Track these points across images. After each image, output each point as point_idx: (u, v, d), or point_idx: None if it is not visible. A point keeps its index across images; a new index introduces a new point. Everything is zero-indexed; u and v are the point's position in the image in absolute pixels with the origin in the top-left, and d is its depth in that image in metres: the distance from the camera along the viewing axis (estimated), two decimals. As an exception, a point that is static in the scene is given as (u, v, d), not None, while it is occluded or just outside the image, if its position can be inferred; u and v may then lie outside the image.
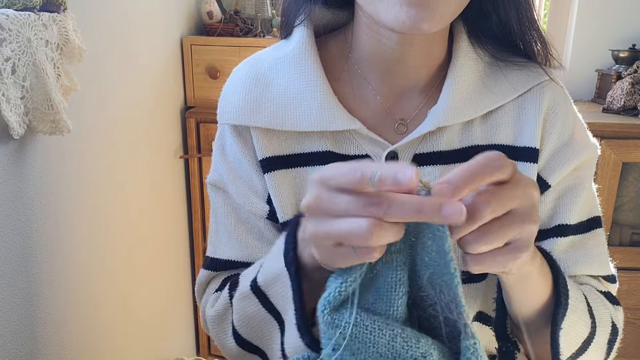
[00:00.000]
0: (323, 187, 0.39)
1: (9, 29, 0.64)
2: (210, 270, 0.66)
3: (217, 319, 0.61)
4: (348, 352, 0.40)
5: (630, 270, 1.55)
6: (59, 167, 0.86)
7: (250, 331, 0.56)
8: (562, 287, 0.50)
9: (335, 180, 0.38)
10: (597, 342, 0.56)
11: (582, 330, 0.54)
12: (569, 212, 0.61)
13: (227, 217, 0.64)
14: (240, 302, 0.56)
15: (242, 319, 0.56)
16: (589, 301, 0.56)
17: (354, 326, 0.40)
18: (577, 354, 0.54)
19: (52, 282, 0.84)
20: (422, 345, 0.40)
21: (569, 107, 0.62)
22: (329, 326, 0.40)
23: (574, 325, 0.52)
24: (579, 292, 0.55)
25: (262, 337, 0.55)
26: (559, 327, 0.50)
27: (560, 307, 0.50)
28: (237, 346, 0.58)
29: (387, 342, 0.40)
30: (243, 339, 0.57)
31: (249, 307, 0.54)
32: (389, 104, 0.61)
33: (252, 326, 0.55)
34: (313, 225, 0.40)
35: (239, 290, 0.56)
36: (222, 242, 0.65)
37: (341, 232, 0.37)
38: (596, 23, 1.81)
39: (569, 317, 0.50)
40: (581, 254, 0.61)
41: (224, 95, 0.63)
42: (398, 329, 0.40)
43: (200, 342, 1.76)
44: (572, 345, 0.53)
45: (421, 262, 0.41)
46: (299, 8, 0.61)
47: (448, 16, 0.51)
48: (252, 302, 0.54)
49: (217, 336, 0.62)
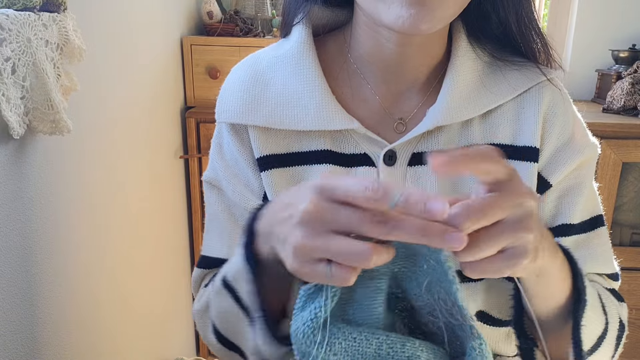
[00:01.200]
0: (323, 197, 0.38)
1: (9, 29, 0.64)
2: (203, 268, 0.66)
3: (200, 313, 0.62)
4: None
5: (630, 270, 1.55)
6: (59, 167, 0.86)
7: (227, 326, 0.55)
8: (580, 284, 0.50)
9: (342, 191, 0.37)
10: (609, 338, 0.56)
11: (598, 327, 0.54)
12: (571, 211, 0.61)
13: (220, 215, 0.64)
14: (215, 298, 0.55)
15: (219, 315, 0.56)
16: (602, 298, 0.57)
17: (343, 340, 0.40)
18: (592, 350, 0.55)
19: (52, 282, 0.84)
20: (407, 349, 0.41)
21: (569, 107, 0.62)
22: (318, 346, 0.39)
23: (592, 322, 0.52)
24: (593, 288, 0.55)
25: (236, 332, 0.54)
26: (581, 324, 0.50)
27: (580, 304, 0.50)
28: (218, 342, 0.58)
29: (374, 350, 0.40)
30: (221, 334, 0.57)
31: (223, 302, 0.54)
32: (387, 104, 0.61)
33: (228, 321, 0.55)
34: (305, 234, 0.38)
35: (214, 285, 0.56)
36: (214, 240, 0.65)
37: (339, 250, 0.36)
38: (596, 23, 1.80)
39: (587, 313, 0.50)
40: (585, 253, 0.61)
41: (222, 93, 0.63)
42: (383, 336, 0.41)
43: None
44: (589, 342, 0.53)
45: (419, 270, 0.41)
46: (298, 7, 0.62)
47: (448, 17, 0.51)
48: (225, 297, 0.53)
49: (201, 331, 0.62)
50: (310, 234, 0.38)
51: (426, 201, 0.35)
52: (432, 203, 0.35)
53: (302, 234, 0.38)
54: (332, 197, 0.38)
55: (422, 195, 0.35)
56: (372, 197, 0.36)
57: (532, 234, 0.40)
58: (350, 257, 0.36)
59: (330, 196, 0.38)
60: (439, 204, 0.35)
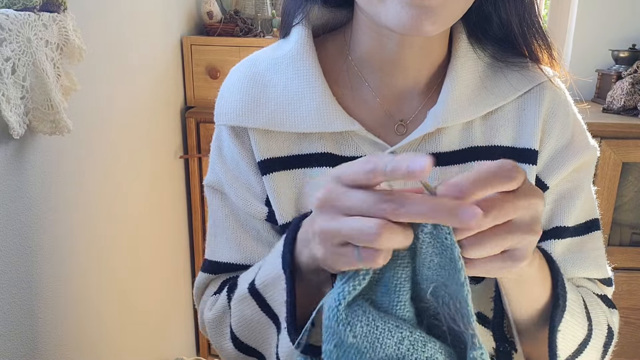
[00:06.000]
0: (337, 183, 0.38)
1: (9, 29, 0.64)
2: (209, 273, 0.66)
3: (215, 321, 0.61)
4: (354, 350, 0.40)
5: (630, 270, 1.55)
6: (59, 167, 0.86)
7: (249, 334, 0.55)
8: (560, 289, 0.50)
9: (348, 175, 0.37)
10: (593, 344, 0.56)
11: (579, 333, 0.53)
12: (567, 214, 0.60)
13: (225, 219, 0.63)
14: (238, 305, 0.55)
15: (240, 322, 0.56)
16: (586, 303, 0.56)
17: (365, 325, 0.39)
18: (574, 356, 0.54)
19: (52, 282, 0.84)
20: (428, 350, 0.40)
21: (569, 109, 0.62)
22: (340, 323, 0.39)
23: (571, 327, 0.52)
24: (576, 294, 0.55)
25: (260, 340, 0.54)
26: (557, 329, 0.49)
27: (558, 309, 0.49)
28: (235, 349, 0.58)
29: (395, 343, 0.40)
30: (241, 342, 0.57)
31: (247, 309, 0.54)
32: (388, 105, 0.60)
33: (250, 329, 0.55)
34: (323, 220, 0.39)
35: (237, 292, 0.56)
36: (220, 244, 0.64)
37: (350, 230, 0.36)
38: (596, 23, 1.80)
39: (566, 318, 0.50)
40: (578, 257, 0.61)
41: (221, 95, 0.62)
42: (407, 332, 0.40)
43: (200, 342, 1.76)
44: (569, 347, 0.53)
45: (423, 274, 0.41)
46: (298, 7, 0.61)
47: (451, 18, 0.51)
48: (250, 304, 0.53)
49: (215, 339, 0.62)
50: (327, 219, 0.39)
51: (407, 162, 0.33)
52: (412, 162, 0.33)
53: (320, 220, 0.39)
54: (343, 181, 0.38)
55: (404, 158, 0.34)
56: (369, 171, 0.36)
57: (537, 237, 0.40)
58: (360, 234, 0.36)
59: (342, 181, 0.38)
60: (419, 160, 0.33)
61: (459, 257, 0.37)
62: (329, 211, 0.38)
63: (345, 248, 0.38)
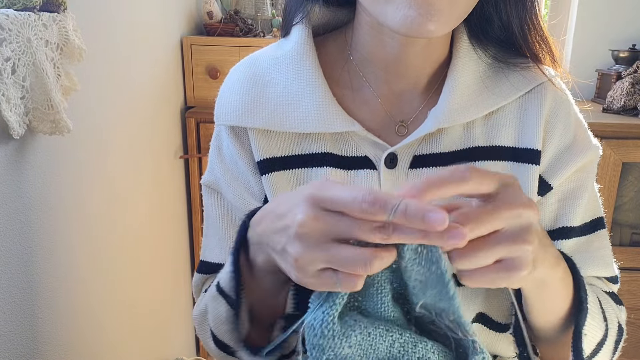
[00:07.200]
0: (318, 207, 0.38)
1: (9, 29, 0.64)
2: (203, 273, 0.66)
3: (199, 319, 0.62)
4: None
5: (630, 270, 1.55)
6: (59, 167, 0.86)
7: (223, 332, 0.55)
8: (582, 292, 0.50)
9: (334, 203, 0.37)
10: (608, 343, 0.56)
11: (598, 334, 0.54)
12: (572, 214, 0.60)
13: (219, 219, 0.63)
14: (211, 303, 0.56)
15: (214, 319, 0.56)
16: (602, 303, 0.57)
17: (359, 334, 0.40)
18: (591, 356, 0.55)
19: (52, 282, 0.84)
20: (419, 350, 0.41)
21: (571, 109, 0.62)
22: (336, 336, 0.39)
23: (592, 329, 0.52)
24: (593, 295, 0.55)
25: (232, 339, 0.54)
26: (583, 333, 0.49)
27: (582, 313, 0.49)
28: (217, 348, 0.58)
29: (387, 347, 0.40)
30: (218, 339, 0.57)
31: (219, 307, 0.54)
32: (388, 106, 0.60)
33: (223, 326, 0.55)
34: (304, 247, 0.38)
35: (210, 290, 0.56)
36: (212, 245, 0.65)
37: (341, 259, 0.36)
38: (596, 23, 1.80)
39: (589, 321, 0.50)
40: (586, 256, 0.60)
41: (221, 95, 0.62)
42: (397, 334, 0.41)
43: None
44: (588, 349, 0.53)
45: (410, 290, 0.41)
46: (299, 6, 0.61)
47: (455, 19, 0.50)
48: (220, 303, 0.53)
49: (201, 336, 0.62)
50: (310, 245, 0.38)
51: (425, 212, 0.34)
52: (432, 214, 0.34)
53: (301, 247, 0.38)
54: (325, 207, 0.37)
55: (420, 206, 0.35)
56: (368, 210, 0.35)
57: (531, 247, 0.39)
58: (352, 264, 0.36)
59: (324, 206, 0.38)
60: (439, 214, 0.34)
61: (445, 270, 0.38)
62: (313, 237, 0.38)
63: (325, 273, 0.38)
